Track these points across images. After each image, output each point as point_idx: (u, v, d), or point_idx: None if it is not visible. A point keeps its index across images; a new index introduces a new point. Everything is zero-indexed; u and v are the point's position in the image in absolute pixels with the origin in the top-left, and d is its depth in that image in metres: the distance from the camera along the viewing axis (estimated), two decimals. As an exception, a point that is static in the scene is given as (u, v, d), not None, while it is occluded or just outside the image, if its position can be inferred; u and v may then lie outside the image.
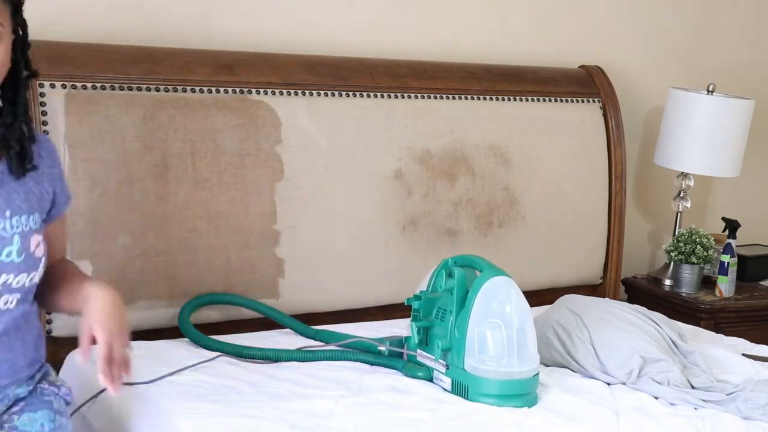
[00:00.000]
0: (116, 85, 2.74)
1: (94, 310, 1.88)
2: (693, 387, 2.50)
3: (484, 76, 3.36)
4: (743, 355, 2.80)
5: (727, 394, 2.41)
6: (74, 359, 2.59)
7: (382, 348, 2.62)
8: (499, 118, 3.33)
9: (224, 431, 2.10)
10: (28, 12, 2.79)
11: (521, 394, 2.36)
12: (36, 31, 2.75)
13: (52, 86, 2.65)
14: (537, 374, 2.41)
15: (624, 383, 2.54)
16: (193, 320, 2.80)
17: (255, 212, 2.88)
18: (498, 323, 2.38)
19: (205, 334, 2.68)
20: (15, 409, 1.93)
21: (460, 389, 2.39)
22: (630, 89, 3.82)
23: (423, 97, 3.21)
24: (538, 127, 3.40)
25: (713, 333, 3.18)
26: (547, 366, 2.67)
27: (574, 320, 2.71)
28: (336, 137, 3.02)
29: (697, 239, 3.57)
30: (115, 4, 2.91)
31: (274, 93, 2.96)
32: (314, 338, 2.79)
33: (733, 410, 2.35)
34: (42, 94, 2.63)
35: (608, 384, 2.56)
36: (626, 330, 2.63)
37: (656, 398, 2.45)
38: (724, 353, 2.82)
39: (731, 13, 4.09)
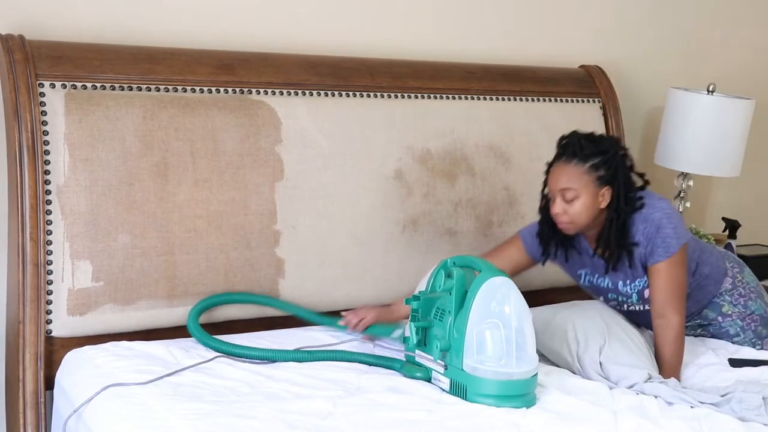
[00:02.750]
0: (116, 85, 2.74)
1: None
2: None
3: (484, 76, 3.36)
4: (729, 360, 2.80)
5: (722, 396, 2.42)
6: (73, 359, 2.60)
7: (396, 334, 2.68)
8: (499, 118, 3.33)
9: None
10: (29, 12, 2.81)
11: (519, 394, 2.36)
12: (36, 31, 2.77)
13: (52, 86, 2.66)
14: (536, 375, 2.42)
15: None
16: (193, 320, 2.81)
17: (255, 212, 2.88)
18: (497, 323, 2.38)
19: (209, 334, 2.69)
20: None
21: (459, 390, 2.39)
22: (630, 89, 3.82)
23: (423, 97, 3.21)
24: (538, 127, 3.40)
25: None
26: (549, 361, 2.67)
27: (596, 327, 2.71)
28: (336, 137, 3.02)
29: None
30: (116, 4, 2.91)
31: (274, 93, 2.96)
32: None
33: (728, 411, 2.36)
34: (42, 94, 2.64)
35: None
36: (636, 354, 2.65)
37: (655, 396, 2.46)
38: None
39: (731, 14, 4.09)
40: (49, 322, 2.66)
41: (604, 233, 2.71)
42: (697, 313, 2.97)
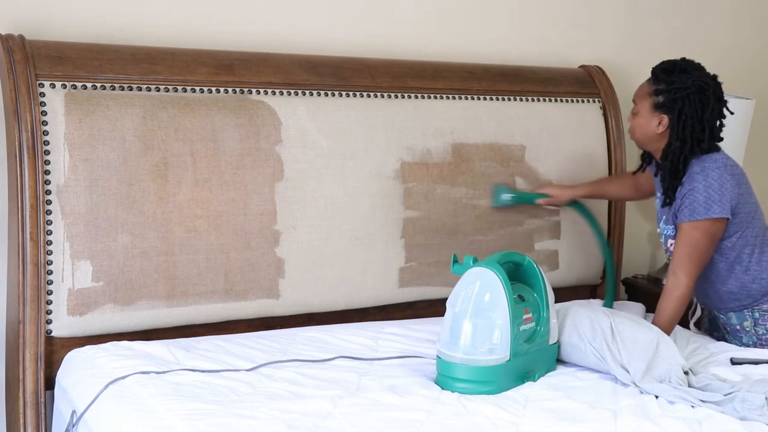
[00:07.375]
0: (116, 85, 2.75)
1: None
2: (690, 386, 2.50)
3: (484, 76, 3.37)
4: (731, 359, 2.79)
5: (725, 395, 2.41)
6: (73, 359, 2.60)
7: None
8: (499, 118, 3.33)
9: None
10: (29, 12, 2.81)
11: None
12: (36, 31, 2.78)
13: (52, 86, 2.66)
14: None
15: (633, 381, 2.53)
16: (192, 319, 2.81)
17: (255, 212, 2.88)
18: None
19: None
20: None
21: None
22: (630, 89, 3.79)
23: (423, 97, 3.21)
24: (538, 127, 3.40)
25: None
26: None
27: (597, 315, 2.70)
28: (336, 137, 3.02)
29: (697, 239, 3.56)
30: (116, 4, 2.91)
31: (274, 93, 2.96)
32: None
33: (731, 411, 2.35)
34: (42, 94, 2.64)
35: (614, 379, 2.56)
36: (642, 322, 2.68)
37: (656, 396, 2.45)
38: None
39: (731, 14, 4.08)
40: (49, 322, 2.66)
41: (661, 159, 2.93)
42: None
